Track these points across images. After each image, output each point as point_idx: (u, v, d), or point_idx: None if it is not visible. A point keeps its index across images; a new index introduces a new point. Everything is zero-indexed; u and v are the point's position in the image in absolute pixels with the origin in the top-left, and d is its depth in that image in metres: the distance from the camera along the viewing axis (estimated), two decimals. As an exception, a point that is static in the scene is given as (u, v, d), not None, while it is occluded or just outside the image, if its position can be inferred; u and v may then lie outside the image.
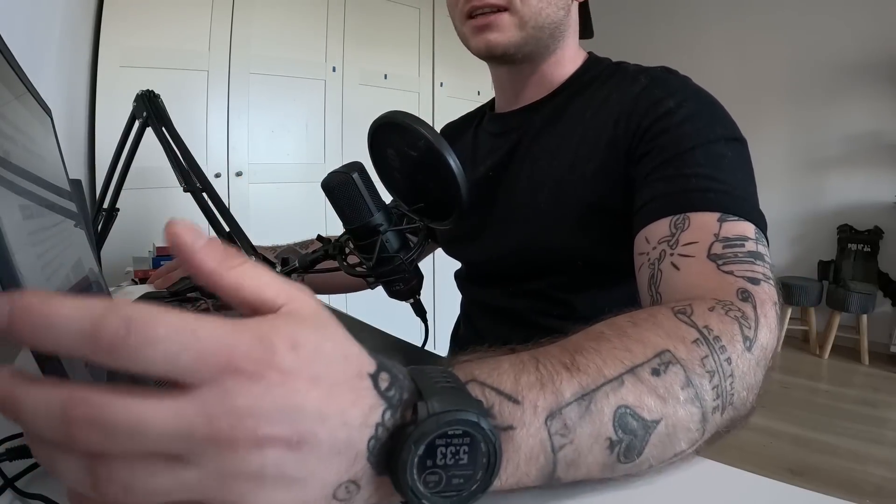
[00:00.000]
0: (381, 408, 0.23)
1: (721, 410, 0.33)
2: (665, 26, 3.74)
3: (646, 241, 0.50)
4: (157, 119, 0.77)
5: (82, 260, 0.42)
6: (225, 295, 0.22)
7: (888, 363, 2.89)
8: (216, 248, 0.22)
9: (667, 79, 0.59)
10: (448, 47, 2.71)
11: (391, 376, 0.24)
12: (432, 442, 0.23)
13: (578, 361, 0.30)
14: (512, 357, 0.30)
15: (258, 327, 0.21)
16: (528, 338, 0.36)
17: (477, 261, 0.77)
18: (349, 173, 0.53)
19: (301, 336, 0.21)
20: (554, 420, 0.27)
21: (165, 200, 1.80)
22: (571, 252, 0.63)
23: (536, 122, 0.68)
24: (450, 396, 0.24)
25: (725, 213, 0.46)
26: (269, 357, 0.20)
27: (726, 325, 0.36)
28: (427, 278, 0.63)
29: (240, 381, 0.20)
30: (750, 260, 0.43)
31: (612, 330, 0.34)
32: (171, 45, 1.87)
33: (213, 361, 0.19)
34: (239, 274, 0.22)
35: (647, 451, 0.30)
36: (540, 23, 0.61)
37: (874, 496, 1.68)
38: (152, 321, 0.19)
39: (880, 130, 3.04)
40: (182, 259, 0.22)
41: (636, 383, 0.30)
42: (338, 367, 0.22)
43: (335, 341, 0.23)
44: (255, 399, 0.20)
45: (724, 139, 0.52)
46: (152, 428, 0.19)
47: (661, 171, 0.52)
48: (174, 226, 0.21)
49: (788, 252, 3.34)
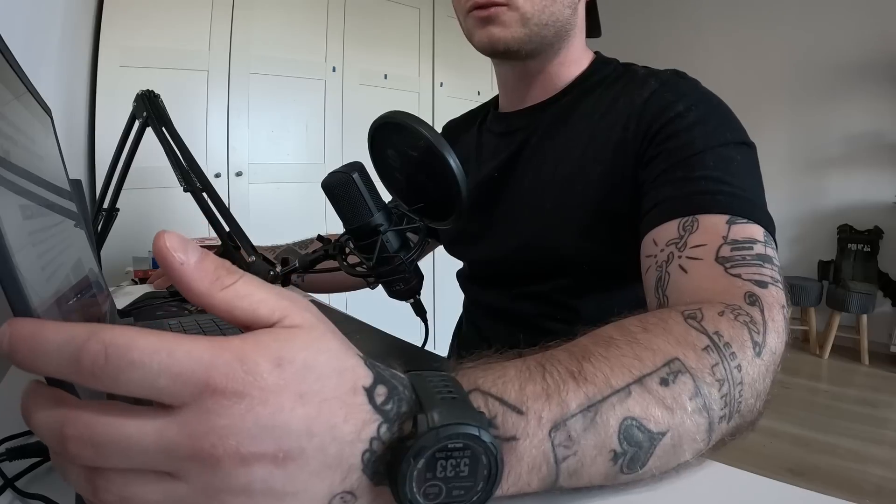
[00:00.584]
0: (375, 422, 0.23)
1: (728, 419, 0.33)
2: (665, 26, 3.74)
3: (654, 243, 0.50)
4: (157, 119, 0.77)
5: (82, 260, 0.42)
6: (219, 315, 0.22)
7: (888, 363, 2.89)
8: (207, 266, 0.22)
9: (677, 83, 0.58)
10: (448, 47, 2.71)
11: (389, 388, 0.24)
12: (432, 455, 0.22)
13: (586, 370, 0.29)
14: (518, 363, 0.30)
15: (241, 346, 0.21)
16: (530, 341, 0.35)
17: (480, 261, 0.77)
18: (349, 173, 0.53)
19: (288, 352, 0.21)
20: (558, 431, 0.27)
21: (165, 200, 1.80)
22: (576, 254, 0.62)
23: (543, 122, 0.67)
24: (451, 408, 0.23)
25: (734, 216, 0.46)
26: (250, 375, 0.20)
27: (736, 330, 0.35)
28: (427, 278, 0.63)
29: (219, 400, 0.20)
30: (758, 263, 0.43)
31: (622, 334, 0.33)
32: (171, 45, 1.87)
33: (191, 382, 0.19)
34: (232, 294, 0.22)
35: (650, 463, 0.29)
36: (544, 20, 0.60)
37: (874, 496, 1.68)
38: (129, 345, 0.19)
39: (880, 130, 3.04)
40: (171, 278, 0.21)
41: (643, 394, 0.29)
42: (329, 383, 0.22)
43: (329, 354, 0.23)
44: (236, 418, 0.20)
45: (734, 143, 0.52)
46: (137, 446, 0.20)
47: (669, 174, 0.52)
48: (161, 240, 0.21)
49: (788, 252, 3.34)
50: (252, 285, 0.22)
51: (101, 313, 0.42)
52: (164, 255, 0.21)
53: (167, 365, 0.19)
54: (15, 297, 0.20)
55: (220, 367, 0.20)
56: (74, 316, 0.30)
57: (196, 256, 0.21)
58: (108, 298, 0.51)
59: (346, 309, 1.39)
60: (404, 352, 0.59)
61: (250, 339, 0.21)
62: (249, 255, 0.72)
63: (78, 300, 0.33)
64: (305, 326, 0.22)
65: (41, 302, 0.22)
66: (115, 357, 0.19)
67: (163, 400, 0.20)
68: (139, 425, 0.20)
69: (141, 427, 0.20)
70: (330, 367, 0.22)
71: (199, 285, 0.21)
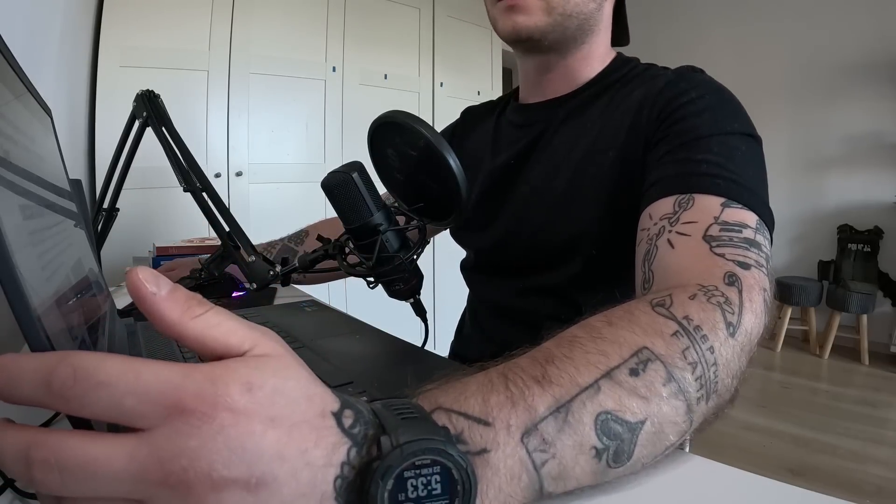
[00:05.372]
0: (345, 445, 0.22)
1: (706, 399, 0.33)
2: (665, 27, 3.74)
3: (649, 217, 0.50)
4: (157, 119, 0.77)
5: (82, 260, 0.42)
6: (189, 345, 0.22)
7: (888, 363, 2.89)
8: (178, 297, 0.22)
9: (692, 75, 0.60)
10: (448, 47, 2.71)
11: (355, 412, 0.24)
12: (401, 474, 0.22)
13: (550, 373, 0.29)
14: (479, 377, 0.29)
15: (211, 370, 0.21)
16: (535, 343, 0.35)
17: (487, 248, 0.76)
18: (349, 173, 0.53)
19: (258, 378, 0.21)
20: (531, 437, 0.27)
21: (165, 200, 1.80)
22: (584, 237, 0.63)
23: (560, 115, 0.68)
24: (413, 427, 0.23)
25: (730, 200, 0.46)
26: (221, 398, 0.20)
27: (707, 312, 0.35)
28: (427, 277, 0.63)
29: (190, 421, 0.19)
30: (744, 246, 0.43)
31: (586, 332, 0.33)
32: (171, 45, 1.87)
33: (160, 403, 0.19)
34: (203, 324, 0.22)
35: (637, 452, 0.29)
36: (568, 11, 0.61)
37: (874, 496, 1.68)
38: (97, 367, 0.19)
39: (880, 130, 3.04)
40: (144, 310, 0.22)
41: (614, 387, 0.29)
42: (298, 408, 0.22)
43: (298, 381, 0.23)
44: (207, 439, 0.19)
45: (740, 133, 0.53)
46: (106, 471, 0.19)
47: (673, 154, 0.53)
48: (134, 273, 0.21)
49: (788, 252, 3.34)
50: (222, 315, 0.23)
51: (101, 313, 0.42)
52: (136, 286, 0.21)
53: (134, 385, 0.19)
54: (15, 297, 0.20)
55: (191, 387, 0.20)
56: (74, 316, 0.30)
57: (167, 288, 0.22)
58: (108, 298, 0.52)
59: (346, 309, 1.38)
60: (404, 351, 0.59)
61: (220, 364, 0.21)
62: (249, 254, 0.72)
63: (78, 300, 0.33)
64: (274, 355, 0.23)
65: (41, 302, 0.22)
66: (83, 379, 0.19)
67: (132, 422, 0.20)
68: (108, 448, 0.19)
69: (110, 450, 0.19)
70: (299, 393, 0.22)
71: (171, 315, 0.22)
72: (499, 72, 3.04)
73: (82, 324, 0.32)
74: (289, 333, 0.62)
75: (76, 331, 0.29)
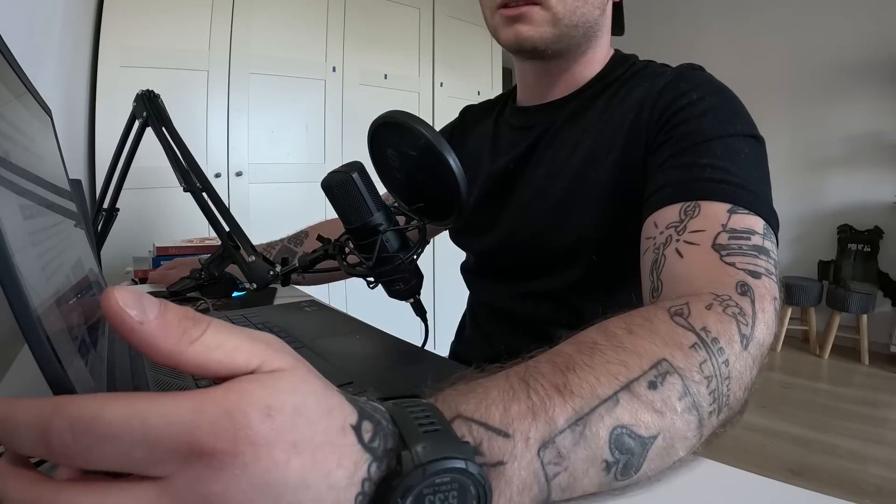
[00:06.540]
0: (366, 462, 0.22)
1: (717, 413, 0.33)
2: (665, 26, 3.74)
3: (654, 225, 0.50)
4: (157, 119, 0.77)
5: (82, 260, 0.42)
6: (191, 372, 0.20)
7: (888, 363, 2.89)
8: (171, 320, 0.19)
9: (692, 74, 0.59)
10: (448, 47, 2.71)
11: (374, 424, 0.23)
12: (420, 492, 0.22)
13: (571, 382, 0.29)
14: (501, 382, 0.29)
15: (225, 398, 0.19)
16: (534, 346, 0.34)
17: (487, 251, 0.76)
18: (349, 173, 0.53)
19: (276, 400, 0.20)
20: (547, 450, 0.26)
21: (165, 200, 1.80)
22: (585, 241, 0.62)
23: (559, 118, 0.67)
24: (435, 442, 0.23)
25: (736, 206, 0.46)
26: (241, 430, 0.18)
27: (724, 324, 0.35)
28: (427, 278, 0.63)
29: (211, 464, 0.18)
30: (754, 253, 0.43)
31: (607, 339, 0.33)
32: (171, 45, 1.87)
33: (173, 448, 0.18)
34: (203, 348, 0.20)
35: (644, 466, 0.29)
36: (574, 21, 0.60)
37: (874, 496, 1.68)
38: (95, 418, 0.17)
39: (880, 130, 3.04)
40: (132, 343, 0.19)
41: (632, 400, 0.29)
42: (320, 426, 0.21)
43: (316, 395, 0.21)
44: (231, 484, 0.18)
45: (743, 135, 0.52)
46: None
47: (676, 158, 0.52)
48: (112, 299, 0.18)
49: (788, 252, 3.34)
50: (222, 332, 0.21)
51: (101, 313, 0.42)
52: (119, 316, 0.18)
53: (141, 434, 0.17)
54: (15, 298, 0.20)
55: (206, 425, 0.18)
56: (74, 316, 0.30)
57: (155, 311, 0.19)
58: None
59: (346, 309, 1.38)
60: (404, 352, 0.59)
61: (234, 388, 0.19)
62: (249, 254, 0.72)
63: (78, 300, 0.33)
64: (288, 369, 0.21)
65: (41, 302, 0.22)
66: (83, 433, 0.17)
67: (147, 472, 0.18)
68: (124, 498, 0.18)
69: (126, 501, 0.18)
70: (318, 409, 0.21)
71: (166, 344, 0.19)
72: (499, 72, 3.04)
73: (82, 324, 0.32)
74: (289, 333, 0.62)
75: (76, 331, 0.29)
